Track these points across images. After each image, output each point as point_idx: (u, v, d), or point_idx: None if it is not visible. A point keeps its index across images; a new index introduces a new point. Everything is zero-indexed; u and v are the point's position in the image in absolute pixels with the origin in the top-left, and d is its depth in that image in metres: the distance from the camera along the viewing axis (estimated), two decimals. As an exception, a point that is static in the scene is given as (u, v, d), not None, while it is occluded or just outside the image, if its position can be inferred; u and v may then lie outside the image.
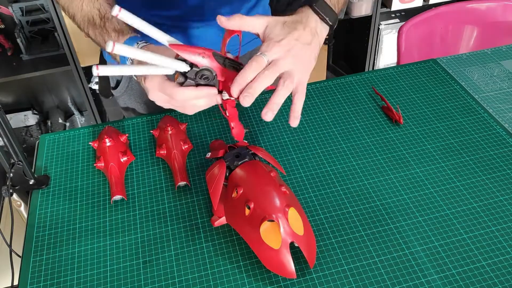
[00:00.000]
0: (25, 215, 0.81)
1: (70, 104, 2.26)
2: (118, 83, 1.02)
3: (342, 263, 0.69)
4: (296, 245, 0.67)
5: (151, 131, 0.91)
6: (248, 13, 0.95)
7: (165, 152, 0.86)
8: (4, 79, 1.81)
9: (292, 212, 0.67)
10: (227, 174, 0.72)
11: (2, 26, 1.87)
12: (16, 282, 0.70)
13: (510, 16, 1.44)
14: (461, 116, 0.93)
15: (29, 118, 2.18)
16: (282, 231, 0.65)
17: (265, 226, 0.66)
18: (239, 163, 0.72)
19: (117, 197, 0.79)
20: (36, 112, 2.20)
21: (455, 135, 0.89)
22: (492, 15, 1.45)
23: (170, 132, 0.87)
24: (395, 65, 1.16)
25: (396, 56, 1.40)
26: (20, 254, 0.74)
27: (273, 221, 0.65)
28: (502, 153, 0.85)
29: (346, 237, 0.72)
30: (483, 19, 1.45)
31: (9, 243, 0.75)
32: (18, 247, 0.75)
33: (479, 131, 0.89)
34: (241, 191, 0.69)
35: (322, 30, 0.67)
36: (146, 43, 0.70)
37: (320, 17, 0.66)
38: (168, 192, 0.81)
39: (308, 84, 1.03)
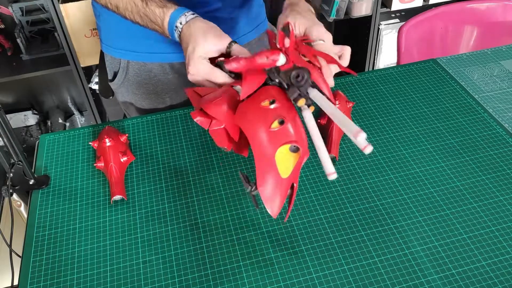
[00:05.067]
0: (25, 215, 0.81)
1: (70, 104, 2.26)
2: (115, 74, 1.02)
3: (342, 263, 0.69)
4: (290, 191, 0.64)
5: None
6: (242, 6, 0.96)
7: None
8: (4, 79, 1.81)
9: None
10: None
11: (2, 26, 1.87)
12: (16, 282, 0.70)
13: (510, 16, 1.44)
14: (461, 116, 0.93)
15: (29, 118, 2.18)
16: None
17: (284, 150, 0.61)
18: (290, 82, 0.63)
19: (117, 197, 0.79)
20: (36, 112, 2.20)
21: (455, 135, 0.89)
22: (492, 15, 1.45)
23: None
24: (395, 65, 1.16)
25: (396, 56, 1.40)
26: (20, 254, 0.74)
27: (296, 151, 0.62)
28: (502, 153, 0.85)
29: (346, 237, 0.72)
30: (483, 19, 1.45)
31: (9, 243, 0.75)
32: (18, 247, 0.75)
33: (479, 131, 0.89)
34: (278, 105, 0.62)
35: None
36: (193, 14, 0.71)
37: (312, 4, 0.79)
38: (168, 192, 0.81)
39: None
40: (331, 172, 0.60)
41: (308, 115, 0.62)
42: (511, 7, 1.43)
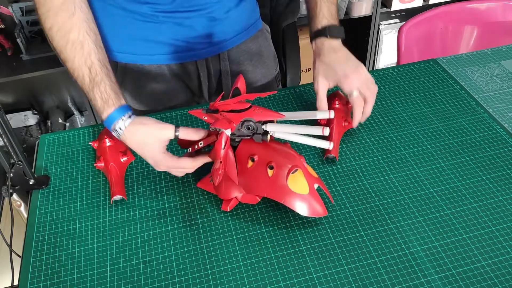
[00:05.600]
0: (25, 215, 0.81)
1: (70, 104, 2.26)
2: None
3: (342, 263, 0.69)
4: (317, 186, 0.73)
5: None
6: (238, 5, 0.96)
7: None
8: (4, 79, 1.81)
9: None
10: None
11: (2, 26, 1.87)
12: (16, 282, 0.70)
13: (510, 16, 1.44)
14: (461, 116, 0.93)
15: (29, 118, 2.18)
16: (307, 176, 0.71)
17: (290, 178, 0.70)
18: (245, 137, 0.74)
19: (117, 197, 0.79)
20: (36, 112, 2.20)
21: (455, 135, 0.89)
22: (492, 15, 1.45)
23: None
24: (395, 65, 1.16)
25: (396, 56, 1.40)
26: (20, 254, 0.74)
27: (295, 171, 0.70)
28: (502, 153, 0.85)
29: (346, 237, 0.72)
30: (483, 19, 1.45)
31: (9, 243, 0.75)
32: (18, 247, 0.75)
33: (479, 131, 0.89)
34: (257, 158, 0.72)
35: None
36: (130, 117, 0.73)
37: (337, 38, 0.87)
38: (168, 192, 0.81)
39: (309, 84, 1.03)
40: (327, 146, 0.74)
41: (280, 135, 0.75)
42: (511, 7, 1.43)
